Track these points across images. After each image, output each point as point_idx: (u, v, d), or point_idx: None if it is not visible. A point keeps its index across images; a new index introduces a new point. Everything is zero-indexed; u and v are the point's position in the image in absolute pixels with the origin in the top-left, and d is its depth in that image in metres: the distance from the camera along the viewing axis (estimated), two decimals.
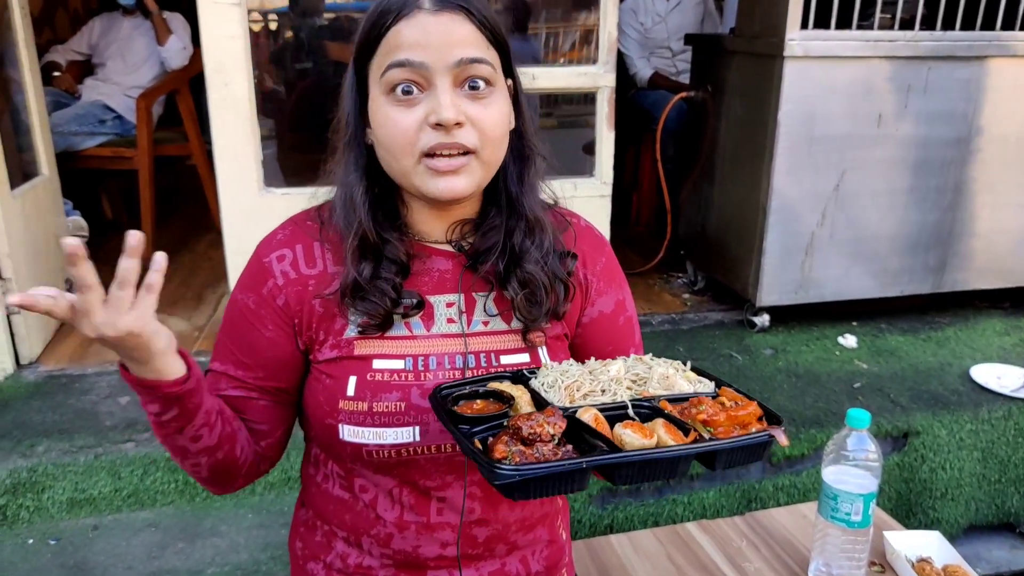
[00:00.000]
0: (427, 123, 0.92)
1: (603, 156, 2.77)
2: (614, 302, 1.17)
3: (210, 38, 2.44)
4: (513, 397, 0.91)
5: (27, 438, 2.28)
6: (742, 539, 1.64)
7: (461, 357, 1.03)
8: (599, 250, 1.17)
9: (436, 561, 1.09)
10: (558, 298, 1.07)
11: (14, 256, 2.63)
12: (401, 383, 1.00)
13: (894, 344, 3.02)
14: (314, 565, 1.15)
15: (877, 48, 2.80)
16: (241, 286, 1.07)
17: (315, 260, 1.04)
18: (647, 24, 4.10)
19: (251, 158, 2.56)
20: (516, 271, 1.04)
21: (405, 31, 0.91)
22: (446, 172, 0.94)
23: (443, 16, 0.91)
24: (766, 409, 0.91)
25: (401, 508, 1.06)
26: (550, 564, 1.19)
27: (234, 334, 1.06)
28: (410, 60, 0.91)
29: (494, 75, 0.95)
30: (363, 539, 1.09)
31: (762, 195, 2.90)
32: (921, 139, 2.96)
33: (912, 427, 2.46)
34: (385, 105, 0.94)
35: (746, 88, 3.00)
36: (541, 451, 0.80)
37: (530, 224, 1.05)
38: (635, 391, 0.94)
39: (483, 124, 0.94)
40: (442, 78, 0.92)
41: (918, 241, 3.09)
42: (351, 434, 1.00)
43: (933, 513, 2.49)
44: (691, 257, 3.58)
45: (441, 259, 1.06)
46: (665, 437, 0.85)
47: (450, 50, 0.91)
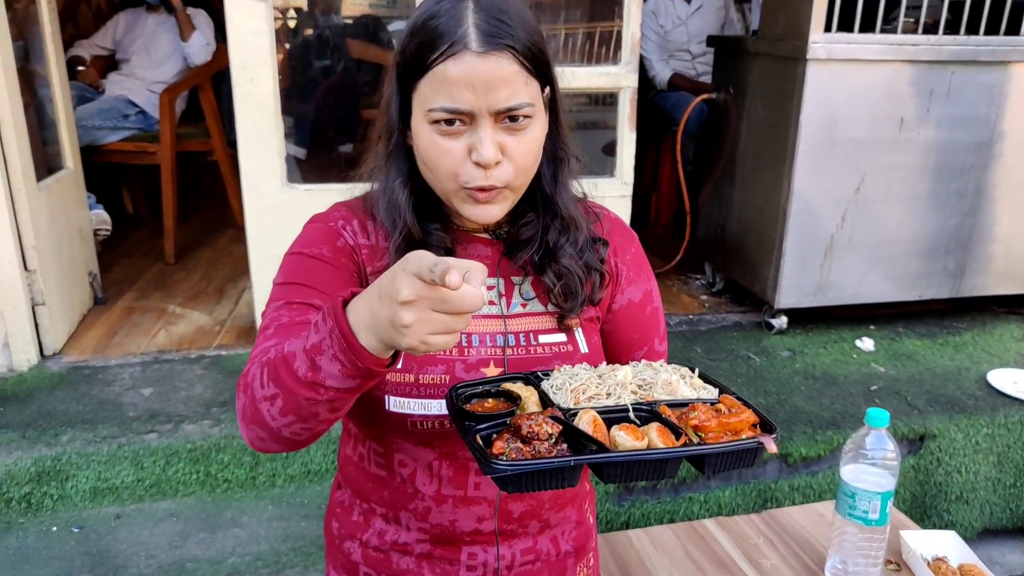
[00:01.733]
0: (469, 157, 0.97)
1: (624, 157, 2.78)
2: (642, 292, 1.21)
3: (236, 34, 2.46)
4: (521, 397, 0.96)
5: (51, 428, 2.31)
6: (759, 536, 1.65)
7: (501, 336, 1.08)
8: (629, 241, 1.22)
9: (472, 536, 1.12)
10: (594, 286, 1.12)
11: (39, 248, 2.67)
12: (446, 357, 1.05)
13: (911, 348, 3.02)
14: (350, 544, 1.19)
15: (900, 52, 2.80)
16: (308, 244, 1.06)
17: (368, 234, 1.09)
18: (667, 27, 4.10)
19: (275, 154, 2.59)
20: (552, 265, 1.09)
21: (452, 71, 0.93)
22: (483, 202, 1.00)
23: (490, 60, 0.93)
24: (762, 417, 0.94)
25: (439, 482, 1.10)
26: (578, 546, 1.23)
27: (312, 277, 1.02)
28: (457, 108, 0.95)
29: (533, 109, 0.98)
30: (401, 514, 1.13)
31: (782, 197, 2.90)
32: (942, 143, 2.95)
33: (928, 430, 2.46)
34: (429, 131, 0.98)
35: (768, 91, 3.01)
36: (537, 448, 0.85)
37: (565, 222, 1.10)
38: (639, 395, 0.98)
39: (518, 157, 0.98)
40: (484, 119, 0.95)
41: (937, 245, 3.08)
42: (397, 405, 1.04)
43: (948, 516, 2.49)
44: (710, 258, 3.58)
45: (481, 245, 1.11)
46: (656, 440, 0.88)
47: (495, 95, 0.94)
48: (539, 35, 0.99)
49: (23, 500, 2.14)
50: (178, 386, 2.58)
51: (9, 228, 2.55)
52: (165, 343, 2.89)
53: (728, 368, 2.79)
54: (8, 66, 2.55)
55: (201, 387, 2.57)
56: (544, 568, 1.18)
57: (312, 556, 2.04)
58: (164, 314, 3.14)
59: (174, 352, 2.82)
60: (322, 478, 2.25)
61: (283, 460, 2.25)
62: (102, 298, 3.21)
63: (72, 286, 2.98)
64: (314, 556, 2.04)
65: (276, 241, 2.58)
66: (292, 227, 1.15)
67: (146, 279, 3.52)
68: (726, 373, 2.74)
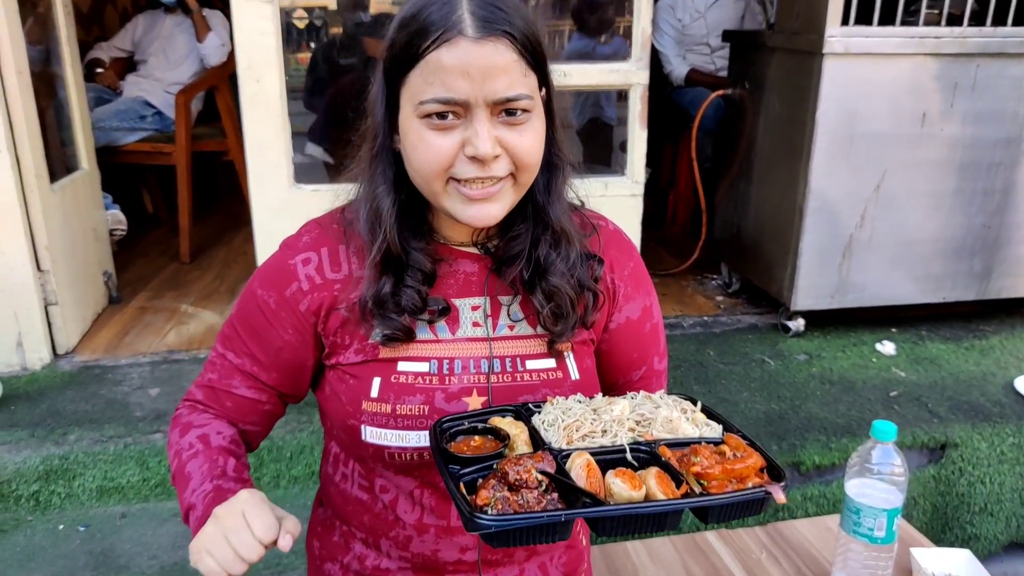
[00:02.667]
0: (463, 152, 0.90)
1: (635, 155, 2.73)
2: (641, 308, 1.14)
3: (242, 35, 2.45)
4: (509, 436, 0.90)
5: (60, 426, 2.33)
6: (762, 550, 1.59)
7: (486, 361, 1.02)
8: (627, 255, 1.14)
9: (455, 565, 1.08)
10: (587, 307, 1.05)
11: (52, 248, 2.69)
12: (425, 386, 0.99)
13: (935, 352, 2.93)
14: (331, 566, 1.15)
15: (922, 45, 2.71)
16: (262, 282, 1.05)
17: (340, 264, 1.03)
18: (685, 20, 4.03)
19: (282, 154, 2.58)
20: (541, 283, 1.02)
21: (446, 58, 0.87)
22: (479, 199, 0.93)
23: (486, 45, 0.87)
24: (770, 461, 0.88)
25: (421, 510, 1.05)
26: (568, 571, 1.18)
27: (251, 329, 1.05)
28: (451, 99, 0.88)
29: (532, 103, 0.92)
30: (381, 541, 1.09)
31: (799, 195, 2.83)
32: (968, 139, 2.86)
33: (950, 439, 2.39)
34: (419, 127, 0.91)
35: (784, 86, 2.94)
36: (526, 498, 0.80)
37: (556, 235, 1.02)
38: (637, 433, 0.92)
39: (519, 152, 0.92)
40: (480, 109, 0.89)
41: (963, 245, 2.99)
42: (374, 436, 1.00)
43: (971, 528, 2.40)
44: (726, 258, 3.51)
45: (467, 261, 1.05)
46: (655, 489, 0.83)
47: (492, 84, 0.88)
48: (535, 26, 0.93)
49: (31, 498, 2.16)
50: (186, 386, 2.54)
51: (22, 229, 2.58)
52: (175, 343, 2.90)
53: (742, 372, 2.72)
54: (22, 69, 2.57)
55: None
56: None
57: None
58: (176, 314, 3.16)
59: (183, 352, 2.83)
60: None
61: (287, 462, 2.25)
62: (117, 297, 3.23)
63: (86, 286, 3.01)
64: None
65: None
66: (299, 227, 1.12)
67: (161, 279, 3.54)
68: (739, 377, 2.68)
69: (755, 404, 2.51)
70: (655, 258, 3.74)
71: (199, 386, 1.10)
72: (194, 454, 1.01)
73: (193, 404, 1.10)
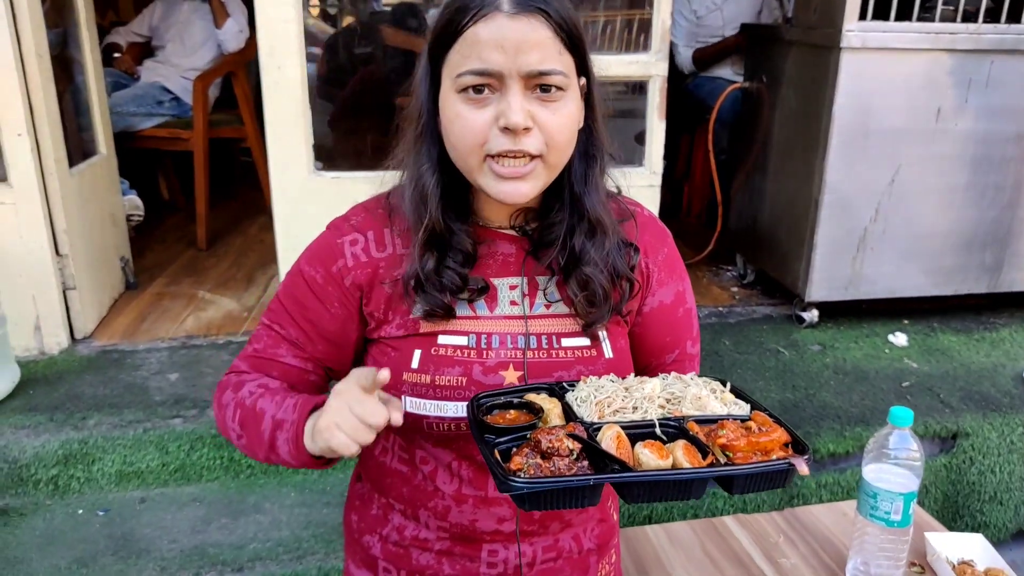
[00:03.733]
0: (496, 125, 0.93)
1: (653, 146, 2.74)
2: (674, 293, 1.16)
3: (264, 21, 2.47)
4: (543, 409, 0.93)
5: (79, 411, 2.35)
6: (779, 534, 1.62)
7: (523, 338, 1.05)
8: (661, 240, 1.16)
9: (492, 535, 1.11)
10: (622, 295, 1.08)
11: (71, 233, 2.71)
12: (463, 359, 1.03)
13: (946, 343, 2.95)
14: (370, 538, 1.18)
15: (938, 41, 2.72)
16: (309, 259, 1.09)
17: (385, 244, 1.07)
18: (700, 12, 4.02)
19: (302, 141, 2.59)
20: (575, 272, 1.04)
21: (483, 32, 0.91)
22: (510, 177, 0.95)
23: (521, 20, 0.91)
24: (794, 437, 0.90)
25: (460, 481, 1.08)
26: (601, 543, 1.21)
27: (298, 304, 1.09)
28: (485, 70, 0.92)
29: (566, 81, 0.95)
30: (420, 512, 1.12)
31: (815, 188, 2.84)
32: (981, 135, 2.87)
33: (961, 428, 2.41)
34: (456, 102, 0.95)
35: (801, 79, 2.95)
36: (557, 465, 0.83)
37: (592, 225, 1.05)
38: (667, 410, 0.95)
39: (551, 129, 0.95)
40: (513, 82, 0.92)
41: (974, 239, 3.00)
42: (413, 406, 1.03)
43: (980, 517, 2.43)
44: (741, 249, 3.53)
45: (505, 243, 1.08)
46: (681, 459, 0.85)
47: (525, 57, 0.91)
48: (575, 14, 0.96)
49: (50, 482, 2.17)
50: (204, 372, 2.61)
51: (41, 213, 2.60)
52: (193, 328, 2.92)
53: (756, 361, 2.75)
54: (42, 53, 2.59)
55: None
56: (566, 565, 1.17)
57: (333, 543, 2.04)
58: (194, 300, 3.18)
59: (201, 338, 2.85)
60: (345, 465, 2.26)
61: None
62: (134, 283, 3.26)
63: (103, 271, 3.03)
64: (335, 544, 2.04)
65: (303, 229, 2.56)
66: (319, 215, 1.15)
67: (178, 265, 3.56)
68: (754, 367, 2.70)
69: (770, 393, 2.54)
70: None
71: (243, 357, 1.12)
72: (260, 396, 1.03)
73: (238, 373, 1.12)
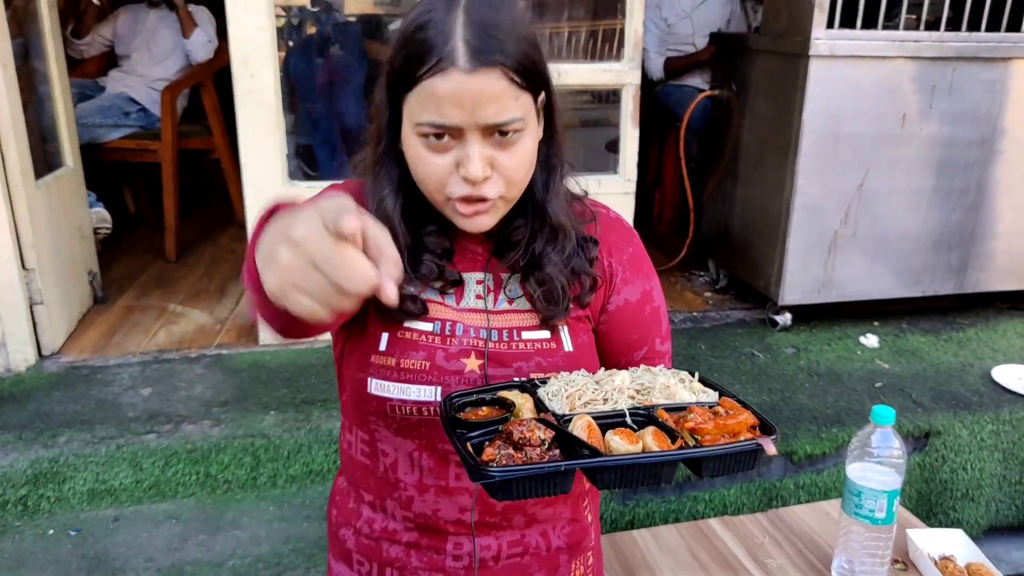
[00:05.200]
0: (456, 172, 0.96)
1: (627, 154, 2.77)
2: (640, 292, 1.18)
3: (237, 30, 2.45)
4: (515, 404, 0.94)
5: (49, 428, 2.29)
6: (764, 535, 1.63)
7: (485, 331, 1.09)
8: (627, 240, 1.19)
9: (455, 526, 1.12)
10: (582, 288, 1.11)
11: (38, 246, 2.66)
12: (428, 344, 1.06)
13: (915, 344, 3.00)
14: (345, 531, 1.20)
15: (903, 48, 2.79)
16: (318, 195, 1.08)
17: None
18: (671, 19, 4.06)
19: (276, 151, 2.58)
20: (535, 273, 1.09)
21: (440, 87, 0.92)
22: (471, 215, 1.00)
23: (478, 76, 0.92)
24: (761, 419, 0.92)
25: (420, 471, 1.10)
26: (572, 542, 1.21)
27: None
28: (444, 124, 0.94)
29: (523, 123, 0.97)
30: (387, 502, 1.14)
31: (786, 194, 2.89)
32: (945, 139, 2.94)
33: (933, 427, 2.45)
34: (417, 144, 0.97)
35: (771, 87, 3.00)
36: (529, 455, 0.84)
37: (553, 230, 1.09)
38: (637, 400, 0.96)
39: (509, 171, 0.98)
40: (472, 134, 0.94)
41: (940, 241, 3.07)
42: (378, 388, 1.06)
43: (953, 514, 2.47)
44: (713, 255, 3.57)
45: (473, 242, 1.12)
46: (651, 444, 0.86)
47: (483, 111, 0.93)
48: (532, 44, 0.97)
49: (19, 503, 2.11)
50: (178, 386, 2.57)
51: (7, 226, 2.54)
52: (165, 342, 2.87)
53: (732, 365, 2.77)
54: (7, 63, 2.54)
55: (201, 387, 2.55)
56: (534, 562, 1.17)
57: (314, 557, 2.02)
58: (164, 313, 3.13)
59: (174, 351, 2.81)
60: (324, 478, 2.24)
61: (284, 461, 2.24)
62: (102, 297, 3.20)
63: (71, 285, 2.97)
64: (316, 557, 2.02)
65: None
66: None
67: (147, 277, 3.50)
68: (730, 370, 2.73)
69: (747, 396, 2.51)
70: None
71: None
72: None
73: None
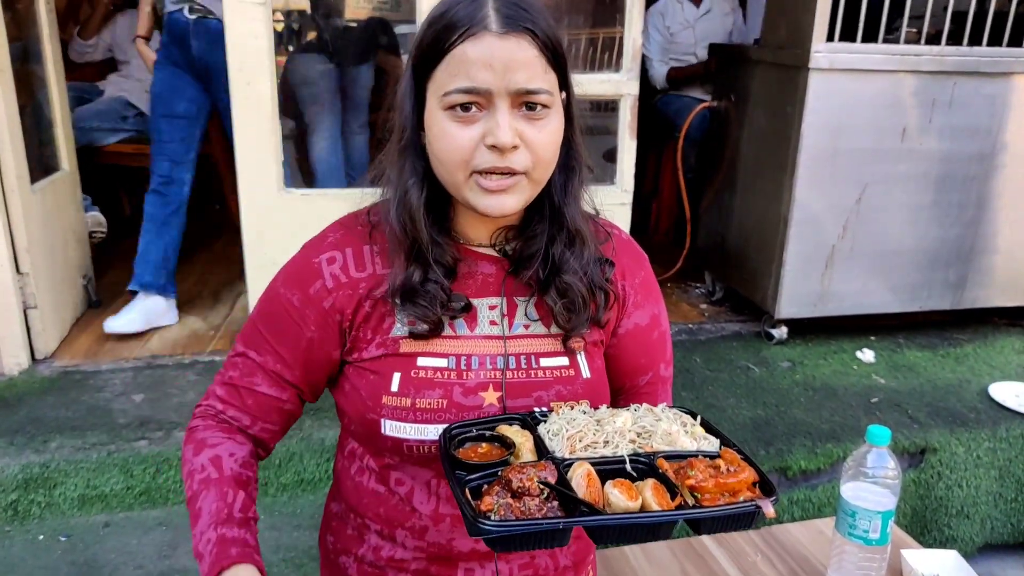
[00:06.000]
0: (483, 143, 0.94)
1: (624, 164, 2.76)
2: (650, 316, 1.17)
3: (234, 37, 2.44)
4: (515, 444, 0.93)
5: (40, 434, 2.28)
6: (757, 553, 1.61)
7: (502, 358, 1.05)
8: (639, 263, 1.18)
9: (468, 555, 1.10)
10: (599, 306, 1.09)
11: (32, 251, 2.65)
12: (444, 381, 1.02)
13: (912, 360, 2.99)
14: (345, 559, 1.17)
15: (903, 62, 2.78)
16: (285, 281, 1.07)
17: (365, 264, 1.05)
18: (673, 28, 4.07)
19: (272, 158, 2.57)
20: (555, 280, 1.06)
21: (471, 51, 0.92)
22: (496, 191, 0.96)
23: (510, 40, 0.92)
24: (763, 477, 0.91)
25: (437, 500, 1.08)
26: (577, 560, 1.20)
27: (273, 328, 1.07)
28: (474, 88, 0.92)
29: (551, 99, 0.96)
30: (397, 532, 1.10)
31: (783, 206, 2.88)
32: (945, 154, 2.94)
33: (929, 443, 2.44)
34: (443, 119, 0.95)
35: (769, 99, 2.99)
36: (528, 505, 0.83)
37: (571, 235, 1.06)
38: (638, 444, 0.95)
39: (537, 146, 0.96)
40: (501, 100, 0.93)
41: (938, 256, 3.06)
42: (393, 429, 1.02)
43: (948, 531, 2.46)
44: (710, 267, 3.56)
45: (485, 263, 1.08)
46: (650, 500, 0.86)
47: (513, 75, 0.92)
48: (558, 32, 0.97)
49: (9, 508, 2.10)
50: (170, 392, 2.55)
51: (1, 230, 2.53)
52: (158, 348, 2.86)
53: (727, 379, 2.76)
54: (3, 67, 2.53)
55: (194, 393, 2.54)
56: None
57: (304, 567, 2.00)
58: None
59: (167, 357, 2.79)
60: (315, 488, 2.22)
61: (276, 469, 2.23)
62: (97, 301, 3.18)
63: (66, 289, 2.96)
64: (306, 567, 2.00)
65: (272, 245, 2.56)
66: (289, 232, 1.14)
67: None
68: (724, 384, 2.72)
69: (741, 410, 2.55)
70: None
71: (219, 384, 1.10)
72: (205, 484, 1.03)
73: (210, 409, 1.10)
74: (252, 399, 1.08)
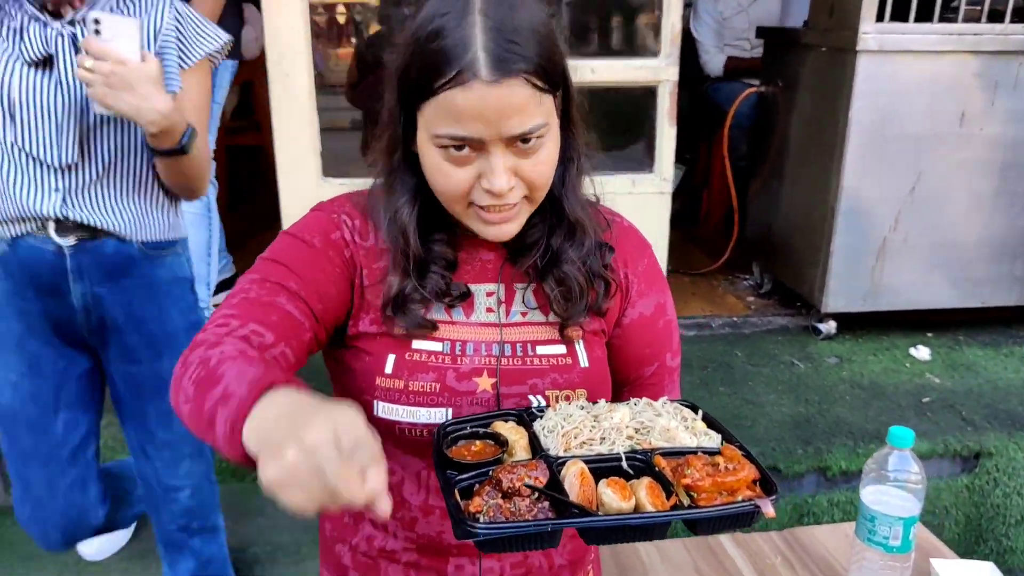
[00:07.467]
0: (479, 184, 0.93)
1: (663, 152, 2.69)
2: (654, 305, 1.15)
3: (272, 29, 2.49)
4: (508, 442, 0.91)
5: None
6: (776, 556, 1.56)
7: (497, 346, 1.04)
8: (641, 251, 1.15)
9: (458, 548, 1.09)
10: (598, 295, 1.07)
11: None
12: (437, 365, 1.02)
13: (972, 358, 2.85)
14: (341, 547, 1.17)
15: (961, 42, 2.65)
16: (302, 230, 1.03)
17: (367, 235, 1.05)
18: (726, 13, 3.97)
19: (310, 148, 2.60)
20: (553, 270, 1.05)
21: (460, 100, 0.88)
22: (497, 222, 0.96)
23: (502, 87, 0.88)
24: (763, 475, 0.88)
25: (427, 492, 1.07)
26: (573, 559, 1.18)
27: (294, 259, 1.00)
28: (467, 137, 0.90)
29: (547, 128, 0.93)
30: (388, 522, 1.10)
31: (831, 195, 2.78)
32: (1010, 139, 2.79)
33: (985, 447, 2.32)
34: (436, 154, 0.93)
35: (818, 83, 2.89)
36: (518, 506, 0.81)
37: (571, 225, 1.05)
38: (635, 441, 0.93)
39: (533, 177, 0.95)
40: (495, 147, 0.91)
41: (1004, 249, 2.91)
42: (386, 411, 1.01)
43: (1006, 541, 2.34)
44: (758, 258, 3.47)
45: (484, 250, 1.07)
46: (644, 500, 0.83)
47: (506, 123, 0.89)
48: (552, 41, 0.93)
49: None
50: None
51: None
52: None
53: (768, 374, 2.68)
54: None
55: None
56: None
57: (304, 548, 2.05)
58: None
59: None
60: None
61: None
62: None
63: None
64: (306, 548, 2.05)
65: None
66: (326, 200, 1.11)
67: None
68: (766, 379, 2.64)
69: (782, 407, 2.47)
70: (686, 257, 3.70)
71: (231, 306, 0.95)
72: (232, 359, 0.86)
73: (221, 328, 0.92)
74: (276, 315, 0.97)
